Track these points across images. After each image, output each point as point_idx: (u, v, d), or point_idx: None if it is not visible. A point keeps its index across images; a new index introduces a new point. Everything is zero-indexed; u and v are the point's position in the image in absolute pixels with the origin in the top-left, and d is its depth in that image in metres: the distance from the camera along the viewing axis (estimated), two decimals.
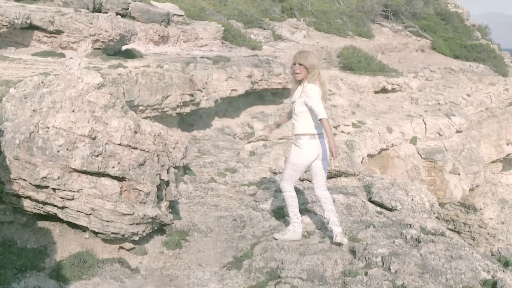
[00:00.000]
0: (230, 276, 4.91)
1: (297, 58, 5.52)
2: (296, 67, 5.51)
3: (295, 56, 5.58)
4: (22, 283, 4.50)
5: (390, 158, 15.35)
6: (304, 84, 5.49)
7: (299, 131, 5.59)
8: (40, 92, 5.49)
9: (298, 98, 5.51)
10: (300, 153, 5.59)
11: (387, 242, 5.25)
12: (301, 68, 5.48)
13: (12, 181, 4.95)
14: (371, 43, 23.10)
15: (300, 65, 5.48)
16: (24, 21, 11.13)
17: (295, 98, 5.56)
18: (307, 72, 5.48)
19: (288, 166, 5.73)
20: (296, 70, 5.51)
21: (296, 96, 5.56)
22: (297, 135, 5.60)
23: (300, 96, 5.50)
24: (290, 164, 5.70)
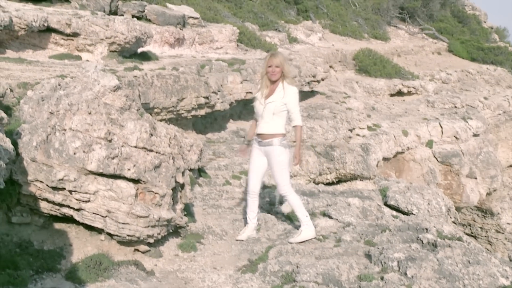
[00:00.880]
0: (245, 279, 4.89)
1: (274, 61, 5.54)
2: (272, 69, 5.52)
3: (270, 59, 5.57)
4: (38, 285, 4.53)
5: (405, 162, 15.22)
6: (285, 85, 5.55)
7: (278, 130, 5.63)
8: (57, 95, 5.53)
9: (281, 98, 5.52)
10: (287, 152, 5.72)
11: (403, 247, 5.20)
12: (277, 70, 5.51)
13: (29, 183, 4.99)
14: (387, 45, 22.98)
15: (277, 67, 5.51)
16: (41, 24, 11.24)
17: (276, 98, 5.53)
18: (282, 73, 5.55)
19: (284, 168, 5.74)
20: (274, 71, 5.51)
21: (276, 96, 5.54)
22: (276, 135, 5.62)
23: (282, 97, 5.52)
24: (285, 165, 5.73)
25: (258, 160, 5.79)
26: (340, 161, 11.01)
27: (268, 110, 5.55)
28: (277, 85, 5.58)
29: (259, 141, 5.70)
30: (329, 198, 7.27)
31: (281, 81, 5.57)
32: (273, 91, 5.58)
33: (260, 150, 5.74)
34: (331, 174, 11.06)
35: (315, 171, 10.89)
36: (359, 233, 5.96)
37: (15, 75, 8.58)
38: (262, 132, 5.64)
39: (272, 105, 5.53)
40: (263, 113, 5.59)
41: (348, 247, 5.53)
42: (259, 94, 5.69)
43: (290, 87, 5.58)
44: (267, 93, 5.59)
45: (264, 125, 5.62)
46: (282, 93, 5.52)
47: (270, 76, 5.54)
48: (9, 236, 5.05)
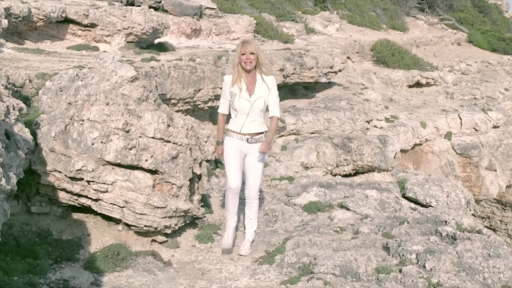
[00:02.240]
0: (262, 270, 4.88)
1: (248, 47, 5.02)
2: (246, 57, 5.01)
3: (243, 46, 5.05)
4: (57, 274, 4.57)
5: (423, 154, 15.07)
6: (264, 76, 5.10)
7: (263, 127, 5.24)
8: (75, 85, 5.55)
9: (266, 92, 5.07)
10: None
11: (422, 239, 5.14)
12: (252, 57, 5.02)
13: (48, 173, 5.02)
14: (405, 36, 22.71)
15: (252, 54, 5.01)
16: (59, 15, 11.30)
17: (262, 93, 5.07)
18: (257, 61, 5.07)
19: (262, 167, 5.40)
20: (249, 59, 5.00)
21: (261, 91, 5.08)
22: (261, 134, 5.22)
23: (267, 90, 5.08)
24: (263, 163, 5.40)
25: (238, 155, 5.24)
26: (357, 153, 10.94)
27: (257, 107, 5.09)
28: (254, 77, 5.09)
29: (248, 138, 5.17)
30: (346, 190, 7.22)
31: (258, 72, 5.09)
32: (252, 84, 5.09)
33: (241, 147, 5.21)
34: (348, 165, 11.01)
35: (332, 163, 10.84)
36: (377, 225, 5.91)
37: (34, 66, 8.64)
38: (252, 131, 5.16)
39: (261, 102, 5.08)
40: (249, 111, 5.09)
41: (365, 239, 5.49)
42: (236, 87, 5.08)
43: (270, 78, 5.14)
44: (247, 86, 5.07)
45: (252, 124, 5.14)
46: (265, 86, 5.06)
47: (245, 64, 5.00)
48: (29, 226, 5.10)
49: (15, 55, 9.83)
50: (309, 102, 14.54)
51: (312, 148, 10.93)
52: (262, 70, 5.08)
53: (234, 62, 5.15)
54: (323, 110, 13.60)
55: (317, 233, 5.73)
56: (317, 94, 15.25)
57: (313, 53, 14.97)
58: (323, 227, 5.95)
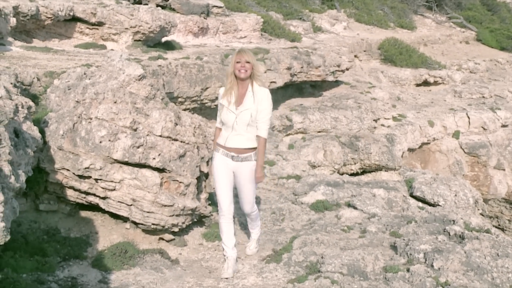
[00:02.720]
0: (269, 269, 4.88)
1: (244, 56, 4.65)
2: (241, 65, 4.64)
3: (239, 54, 4.68)
4: (66, 271, 4.59)
5: (431, 153, 15.01)
6: (255, 88, 4.69)
7: (252, 144, 4.76)
8: (83, 84, 5.56)
9: (253, 105, 4.65)
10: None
11: (430, 238, 5.12)
12: (248, 66, 4.65)
13: (56, 171, 5.05)
14: (413, 34, 22.62)
15: (248, 63, 4.66)
16: (67, 13, 11.34)
17: (248, 105, 4.66)
18: (252, 71, 4.70)
19: (253, 186, 4.91)
20: (244, 67, 4.63)
21: (248, 103, 4.67)
22: (249, 150, 4.75)
23: (254, 102, 4.66)
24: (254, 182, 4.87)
25: (227, 175, 4.81)
26: (364, 152, 10.91)
27: (242, 120, 4.66)
28: (246, 88, 4.71)
29: (233, 155, 4.75)
30: (353, 189, 7.20)
31: (250, 83, 4.70)
32: (243, 96, 4.70)
33: (227, 164, 4.79)
34: (355, 164, 10.98)
35: (340, 162, 10.81)
36: (385, 224, 5.89)
37: (42, 64, 8.67)
38: (235, 146, 4.72)
39: (246, 115, 4.65)
40: (234, 124, 4.68)
41: (373, 238, 5.47)
42: (225, 100, 4.73)
43: (262, 90, 4.70)
44: (237, 99, 4.70)
45: (237, 138, 4.72)
46: (253, 98, 4.66)
47: (239, 73, 4.63)
48: (37, 223, 5.12)
49: (23, 54, 9.87)
50: (316, 101, 14.52)
51: (319, 146, 10.91)
52: (256, 82, 4.71)
53: (228, 72, 4.79)
54: (330, 109, 13.57)
55: (325, 232, 5.72)
56: (324, 92, 15.23)
57: (320, 51, 14.95)
58: (330, 226, 5.94)
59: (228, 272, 4.84)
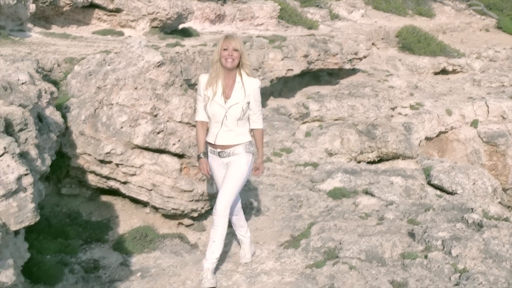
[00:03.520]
0: (287, 254, 4.92)
1: (231, 43, 4.24)
2: (229, 53, 4.23)
3: (226, 40, 4.27)
4: (88, 254, 4.68)
5: (449, 141, 14.91)
6: (244, 78, 4.33)
7: (245, 139, 4.42)
8: (104, 70, 5.62)
9: (243, 97, 4.30)
10: (251, 162, 4.49)
11: (448, 226, 5.12)
12: (236, 54, 4.25)
13: (77, 156, 5.12)
14: (431, 22, 22.37)
15: (235, 51, 4.25)
16: (85, 0, 11.42)
17: (238, 98, 4.29)
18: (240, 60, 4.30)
19: (240, 183, 4.45)
20: (231, 55, 4.24)
21: (238, 95, 4.31)
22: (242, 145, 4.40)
23: (245, 96, 4.31)
24: (243, 179, 4.46)
25: (222, 173, 4.48)
26: (382, 140, 10.87)
27: (232, 115, 4.29)
28: (233, 79, 4.33)
29: (219, 152, 4.41)
30: (371, 177, 7.20)
31: (238, 73, 4.32)
32: (230, 88, 4.32)
33: (218, 161, 4.45)
34: (372, 152, 10.94)
35: (357, 150, 10.79)
36: (402, 212, 5.90)
37: (61, 50, 8.75)
38: (223, 143, 4.37)
39: (237, 109, 4.28)
40: (224, 119, 4.31)
41: (391, 225, 5.49)
42: (210, 90, 4.31)
43: (251, 80, 4.34)
44: (224, 90, 4.31)
45: (226, 134, 4.35)
46: (243, 90, 4.30)
47: (225, 62, 4.23)
48: (59, 207, 5.22)
49: (43, 40, 9.97)
50: (333, 89, 14.47)
51: (336, 134, 10.89)
52: (244, 71, 4.33)
53: (213, 59, 4.35)
54: (347, 97, 13.52)
55: (342, 219, 5.74)
56: (341, 80, 15.16)
57: (337, 39, 14.87)
58: (348, 212, 5.96)
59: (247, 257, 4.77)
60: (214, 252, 4.43)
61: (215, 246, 4.43)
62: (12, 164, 2.74)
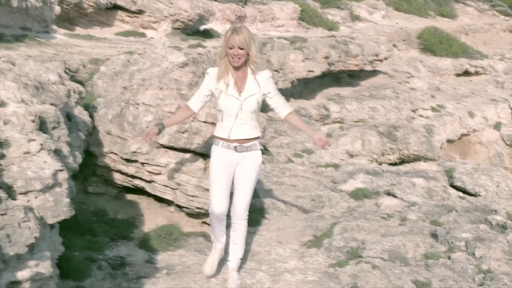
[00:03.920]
0: (310, 254, 4.96)
1: (236, 39, 3.99)
2: (234, 51, 4.01)
3: (232, 36, 4.02)
4: (114, 251, 4.77)
5: (471, 144, 14.79)
6: (257, 73, 4.14)
7: (257, 133, 4.27)
8: (130, 70, 5.72)
9: (258, 90, 4.13)
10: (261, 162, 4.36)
11: (471, 227, 5.11)
12: (241, 53, 4.03)
13: (104, 155, 5.22)
14: (454, 23, 22.19)
15: (241, 49, 4.01)
16: (108, 1, 11.58)
17: (254, 90, 4.12)
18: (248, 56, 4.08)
19: (254, 182, 4.36)
20: (237, 55, 4.02)
21: (253, 88, 4.13)
22: (254, 139, 4.25)
23: (260, 87, 4.13)
24: (257, 178, 4.37)
25: (226, 171, 4.26)
26: (403, 142, 10.84)
27: (248, 108, 4.12)
28: (245, 73, 4.15)
29: (236, 146, 4.19)
30: (393, 178, 7.21)
31: (249, 67, 4.13)
32: (243, 79, 4.14)
33: (229, 157, 4.23)
34: (393, 154, 10.92)
35: (378, 151, 10.78)
36: (425, 213, 5.90)
37: (86, 52, 8.90)
38: (240, 137, 4.17)
39: (253, 101, 4.12)
40: (239, 112, 4.12)
41: (413, 226, 5.49)
42: (222, 83, 4.12)
43: (263, 73, 4.18)
44: (236, 82, 4.13)
45: (243, 127, 4.17)
46: (256, 84, 4.14)
47: (231, 60, 4.04)
48: (86, 205, 5.32)
49: (68, 41, 10.14)
50: (354, 90, 14.45)
51: (357, 136, 10.90)
52: (253, 65, 4.12)
53: (221, 54, 4.18)
54: (368, 99, 13.50)
55: (364, 219, 5.76)
56: (362, 82, 15.14)
57: (358, 40, 14.85)
58: (370, 213, 5.97)
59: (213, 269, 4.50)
60: (237, 254, 4.46)
61: (238, 248, 4.45)
62: (48, 160, 2.83)
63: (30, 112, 3.03)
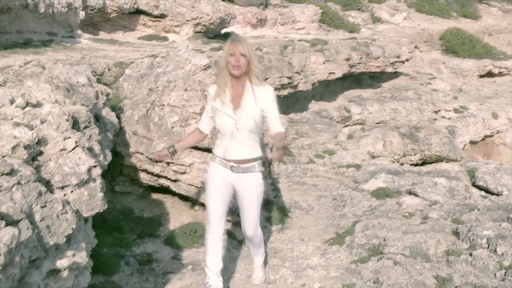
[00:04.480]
0: (332, 251, 5.04)
1: (238, 47, 3.78)
2: (235, 59, 3.77)
3: (233, 44, 3.80)
4: (141, 248, 4.91)
5: (494, 145, 14.67)
6: (254, 86, 3.87)
7: (259, 152, 4.01)
8: (155, 72, 5.87)
9: (255, 107, 3.84)
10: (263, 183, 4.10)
11: (493, 225, 5.13)
12: (243, 61, 3.79)
13: (130, 155, 5.37)
14: (477, 24, 22.04)
15: (243, 56, 3.78)
16: (131, 6, 11.83)
17: (250, 108, 3.83)
18: (248, 66, 3.83)
19: (261, 201, 4.15)
20: (238, 62, 3.78)
21: (249, 105, 3.85)
22: (253, 160, 3.97)
23: (256, 104, 3.84)
24: (262, 197, 4.14)
25: (223, 186, 4.04)
26: (425, 142, 10.83)
27: (243, 127, 3.86)
28: (243, 87, 3.88)
29: (232, 166, 3.96)
30: (414, 177, 7.23)
31: (247, 79, 3.87)
32: (240, 96, 3.87)
33: (225, 175, 4.00)
34: (415, 155, 10.91)
35: (399, 152, 10.78)
36: (446, 211, 5.92)
37: (110, 55, 9.13)
38: (236, 158, 3.94)
39: (248, 120, 3.84)
40: (234, 131, 3.87)
41: (435, 224, 5.52)
42: (219, 101, 3.88)
43: (263, 87, 3.90)
44: (233, 99, 3.86)
45: (239, 147, 3.91)
46: (253, 100, 3.85)
47: (232, 69, 3.79)
48: (113, 204, 5.47)
49: (92, 45, 10.39)
50: (375, 92, 14.47)
51: (378, 137, 10.91)
52: (254, 77, 3.87)
53: (220, 65, 3.94)
54: (389, 100, 13.51)
55: (386, 218, 5.81)
56: (383, 84, 15.14)
57: (379, 42, 14.86)
58: (391, 212, 6.02)
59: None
60: (259, 255, 4.50)
61: (259, 251, 4.46)
62: (83, 157, 2.97)
63: (64, 112, 3.19)
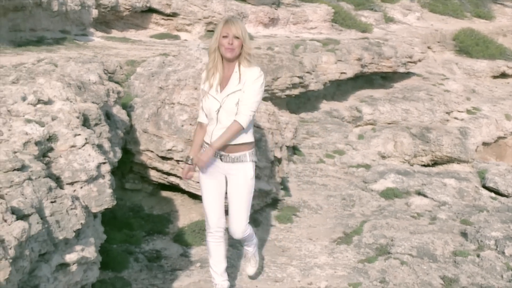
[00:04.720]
0: (340, 250, 5.06)
1: (232, 28, 3.57)
2: (229, 41, 3.58)
3: (226, 25, 3.59)
4: (150, 245, 4.97)
5: (508, 147, 14.57)
6: (242, 68, 3.66)
7: (248, 138, 3.79)
8: (166, 71, 5.92)
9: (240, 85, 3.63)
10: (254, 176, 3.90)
11: (502, 226, 5.12)
12: (236, 43, 3.60)
13: (141, 152, 5.43)
14: (491, 25, 21.86)
15: (236, 39, 3.59)
16: (144, 5, 11.90)
17: (235, 88, 3.63)
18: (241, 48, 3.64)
19: (251, 195, 3.93)
20: (232, 45, 3.59)
21: (232, 85, 3.65)
22: (246, 145, 3.78)
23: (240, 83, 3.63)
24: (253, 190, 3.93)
25: (217, 180, 3.86)
26: (436, 143, 10.79)
27: (228, 109, 3.63)
28: (233, 70, 3.68)
29: (221, 155, 3.74)
30: (424, 178, 7.22)
31: (237, 62, 3.67)
32: (228, 80, 3.68)
33: (217, 166, 3.80)
34: (426, 156, 10.87)
35: (410, 153, 10.75)
36: (455, 212, 5.92)
37: (122, 53, 9.20)
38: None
39: (232, 101, 3.62)
40: (219, 115, 3.66)
41: (443, 225, 5.53)
42: (207, 84, 3.72)
43: (252, 70, 3.66)
44: (221, 82, 3.68)
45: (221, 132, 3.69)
46: (238, 80, 3.64)
47: (225, 51, 3.60)
48: (123, 201, 5.54)
49: (105, 44, 10.47)
50: (387, 92, 14.42)
51: (389, 137, 10.89)
52: (245, 60, 3.67)
53: (211, 48, 3.68)
54: (401, 101, 13.46)
55: (394, 218, 5.82)
56: (395, 84, 15.09)
57: (391, 42, 14.80)
58: (400, 212, 6.03)
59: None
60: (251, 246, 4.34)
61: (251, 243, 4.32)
62: (92, 153, 3.03)
63: (75, 109, 3.24)
